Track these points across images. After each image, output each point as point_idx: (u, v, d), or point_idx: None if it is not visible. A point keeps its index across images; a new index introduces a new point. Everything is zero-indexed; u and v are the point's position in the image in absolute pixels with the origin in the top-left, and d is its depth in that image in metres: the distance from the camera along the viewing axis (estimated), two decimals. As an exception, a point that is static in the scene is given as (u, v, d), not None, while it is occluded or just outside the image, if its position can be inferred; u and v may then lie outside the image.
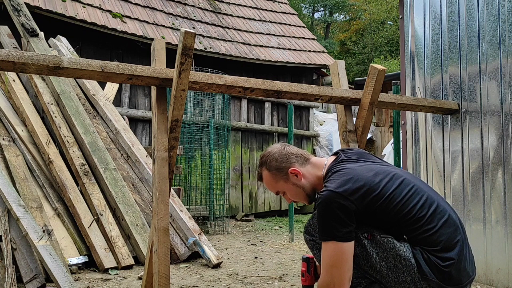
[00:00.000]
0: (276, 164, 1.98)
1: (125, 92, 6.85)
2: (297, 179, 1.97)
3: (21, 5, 4.77)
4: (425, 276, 1.68)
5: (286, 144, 2.09)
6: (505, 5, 3.02)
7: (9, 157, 3.78)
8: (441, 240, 1.70)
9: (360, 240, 1.76)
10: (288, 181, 1.98)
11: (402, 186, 1.77)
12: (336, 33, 28.03)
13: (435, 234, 1.70)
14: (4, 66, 2.03)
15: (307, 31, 10.07)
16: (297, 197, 2.02)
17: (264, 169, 2.02)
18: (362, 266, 1.78)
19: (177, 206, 4.16)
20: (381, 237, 1.75)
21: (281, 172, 1.98)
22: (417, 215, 1.72)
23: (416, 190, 1.77)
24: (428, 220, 1.71)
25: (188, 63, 2.20)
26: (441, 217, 1.74)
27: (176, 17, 7.94)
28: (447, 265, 1.67)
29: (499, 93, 3.04)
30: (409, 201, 1.74)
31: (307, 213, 8.55)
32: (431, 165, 3.52)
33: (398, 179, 1.79)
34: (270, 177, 2.01)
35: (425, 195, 1.77)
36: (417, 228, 1.72)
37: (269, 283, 3.20)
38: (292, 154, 2.00)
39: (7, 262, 2.90)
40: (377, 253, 1.74)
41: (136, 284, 3.15)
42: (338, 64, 2.99)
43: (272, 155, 2.01)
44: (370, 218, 1.76)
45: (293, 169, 1.96)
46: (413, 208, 1.72)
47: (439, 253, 1.69)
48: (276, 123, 8.64)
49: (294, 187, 1.98)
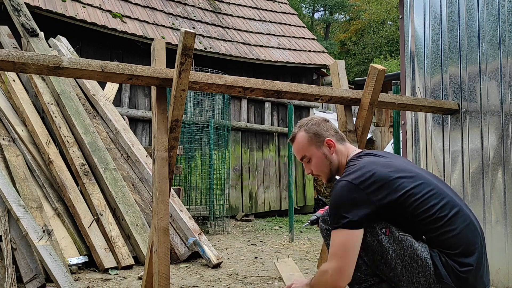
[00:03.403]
0: (317, 129, 2.00)
1: (125, 92, 6.85)
2: (330, 151, 1.98)
3: (21, 5, 4.77)
4: (441, 279, 1.66)
5: (327, 119, 2.12)
6: (505, 5, 3.02)
7: (9, 157, 3.78)
8: (460, 244, 1.68)
9: (377, 235, 1.75)
10: (320, 149, 1.99)
11: (423, 185, 1.75)
12: (336, 33, 28.03)
13: (455, 237, 1.68)
14: (4, 66, 2.04)
15: (307, 31, 10.07)
16: (321, 168, 2.01)
17: (302, 131, 2.02)
18: (376, 261, 1.77)
19: (177, 206, 4.16)
20: (400, 234, 1.73)
21: (318, 138, 1.99)
22: (437, 215, 1.70)
23: (437, 192, 1.76)
24: (448, 222, 1.70)
25: (188, 63, 2.20)
26: (463, 221, 1.72)
27: (176, 17, 7.94)
28: (465, 271, 1.66)
29: (499, 93, 3.04)
30: (429, 200, 1.72)
31: (307, 213, 8.55)
32: (431, 165, 3.52)
33: (420, 179, 1.78)
34: (305, 139, 2.00)
35: (447, 198, 1.75)
36: (437, 229, 1.70)
37: (269, 283, 3.20)
38: (332, 128, 2.04)
39: (7, 262, 2.90)
40: (393, 250, 1.72)
41: (136, 284, 3.15)
42: (338, 64, 2.99)
43: (315, 121, 2.04)
44: (388, 213, 1.74)
45: (329, 139, 1.98)
46: (432, 207, 1.71)
47: (458, 258, 1.67)
48: (276, 123, 8.64)
49: (324, 157, 1.98)
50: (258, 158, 8.22)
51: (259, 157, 8.25)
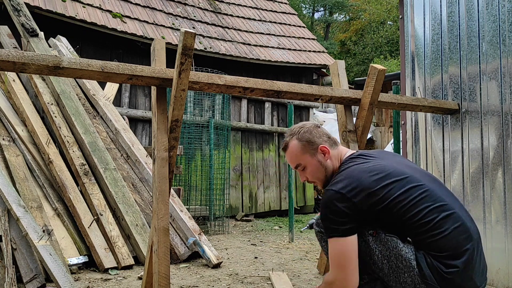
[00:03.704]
0: (309, 136, 1.99)
1: (125, 92, 6.85)
2: (324, 157, 1.97)
3: (21, 5, 4.77)
4: (425, 280, 1.67)
5: (318, 124, 2.11)
6: (505, 5, 3.02)
7: (9, 157, 3.78)
8: (449, 246, 1.68)
9: (365, 236, 1.79)
10: (315, 156, 1.97)
11: (413, 189, 1.75)
12: (336, 33, 28.03)
13: (443, 239, 1.69)
14: (4, 66, 2.04)
15: (307, 31, 10.07)
16: (316, 175, 2.00)
17: (294, 139, 2.00)
18: (366, 262, 1.81)
19: (177, 206, 4.16)
20: (385, 236, 1.76)
21: (311, 146, 1.98)
22: (424, 219, 1.71)
23: (428, 194, 1.75)
24: (437, 225, 1.70)
25: (188, 63, 2.20)
26: (453, 223, 1.72)
27: (176, 17, 7.94)
28: (450, 272, 1.66)
29: (499, 93, 3.04)
30: (417, 204, 1.72)
31: (307, 213, 8.55)
32: (431, 165, 3.52)
33: (410, 182, 1.77)
34: (298, 148, 1.99)
35: (438, 200, 1.75)
36: (423, 232, 1.71)
37: (269, 283, 3.20)
38: (325, 134, 2.03)
39: (7, 262, 2.90)
40: (380, 250, 1.76)
41: (136, 284, 3.15)
42: (338, 64, 2.99)
43: (307, 128, 2.02)
44: (375, 218, 1.77)
45: (323, 146, 1.97)
46: (419, 212, 1.71)
47: (444, 259, 1.67)
48: (276, 123, 8.63)
49: (318, 164, 1.97)
50: (258, 158, 8.22)
51: (259, 157, 8.25)
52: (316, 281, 3.24)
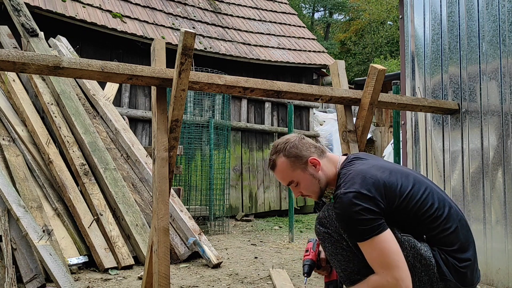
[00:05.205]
0: (296, 151, 1.88)
1: (125, 92, 6.85)
2: (315, 170, 1.88)
3: (21, 5, 4.77)
4: (444, 276, 1.68)
5: (301, 135, 2.00)
6: (505, 5, 3.02)
7: (9, 157, 3.78)
8: (458, 240, 1.71)
9: None
10: (306, 171, 1.88)
11: (418, 185, 1.76)
12: (336, 33, 28.02)
13: (452, 234, 1.71)
14: (4, 66, 2.04)
15: (307, 31, 10.07)
16: (310, 189, 1.91)
17: (281, 156, 1.88)
18: None
19: (177, 206, 4.16)
20: (401, 236, 1.72)
21: (300, 161, 1.87)
22: (436, 214, 1.72)
23: (431, 191, 1.78)
24: (445, 220, 1.72)
25: (188, 63, 2.20)
26: (456, 217, 1.76)
27: (176, 17, 7.94)
28: (464, 266, 1.69)
29: (499, 93, 3.04)
30: (427, 200, 1.73)
31: (307, 213, 8.55)
32: (431, 165, 3.52)
33: (413, 179, 1.79)
34: (287, 165, 1.88)
35: (439, 196, 1.78)
36: (435, 227, 1.72)
37: (269, 283, 3.20)
38: (311, 145, 1.92)
39: (7, 262, 2.90)
40: None
41: (136, 284, 3.15)
42: (338, 64, 2.99)
43: (292, 142, 1.90)
44: (391, 216, 1.73)
45: (313, 158, 1.88)
46: (431, 207, 1.72)
47: (456, 254, 1.70)
48: (276, 123, 8.63)
49: (311, 177, 1.88)
50: (258, 158, 8.22)
51: (259, 157, 8.25)
52: (316, 281, 3.23)
